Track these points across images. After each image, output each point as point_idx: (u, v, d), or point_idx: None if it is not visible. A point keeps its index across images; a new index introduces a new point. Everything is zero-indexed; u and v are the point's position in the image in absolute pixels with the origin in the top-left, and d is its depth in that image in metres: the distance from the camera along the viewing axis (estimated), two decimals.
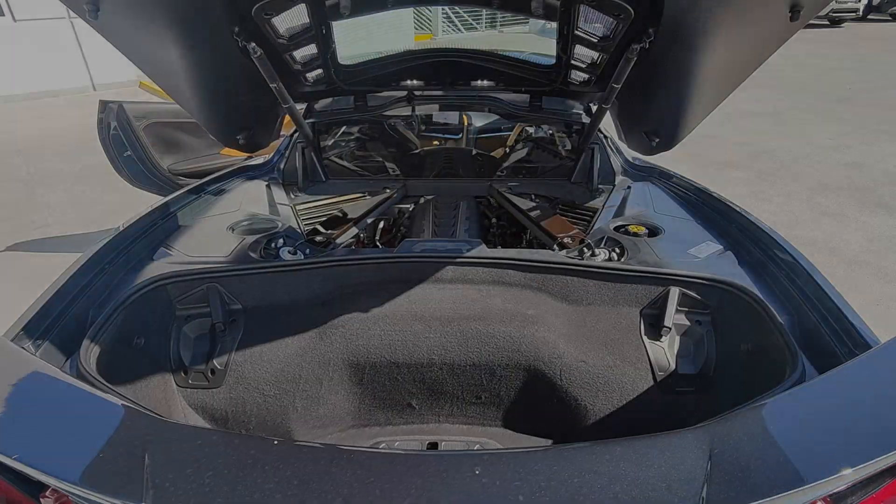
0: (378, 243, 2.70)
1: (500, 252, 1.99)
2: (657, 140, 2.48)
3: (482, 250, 1.97)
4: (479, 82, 2.77)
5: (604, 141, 2.94)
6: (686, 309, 1.82)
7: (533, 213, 2.59)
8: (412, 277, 1.93)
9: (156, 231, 2.15)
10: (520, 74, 2.61)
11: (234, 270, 1.87)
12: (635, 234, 2.16)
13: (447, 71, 2.71)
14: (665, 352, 1.79)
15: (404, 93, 2.88)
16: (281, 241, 2.11)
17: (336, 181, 3.10)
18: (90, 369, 1.39)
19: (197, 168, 4.48)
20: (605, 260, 1.99)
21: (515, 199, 2.73)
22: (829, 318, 1.54)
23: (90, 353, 1.48)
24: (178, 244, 2.08)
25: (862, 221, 5.06)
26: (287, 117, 2.72)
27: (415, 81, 2.80)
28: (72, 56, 11.18)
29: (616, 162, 2.98)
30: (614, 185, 2.85)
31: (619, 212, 2.47)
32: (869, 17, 19.61)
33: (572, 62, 2.28)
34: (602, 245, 2.09)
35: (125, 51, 1.83)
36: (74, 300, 1.67)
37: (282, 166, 3.04)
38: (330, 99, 3.03)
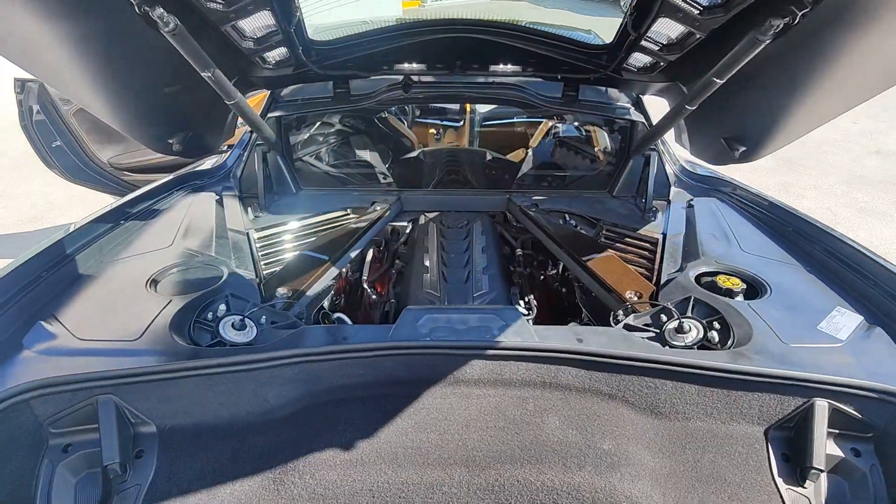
0: (366, 286, 2.04)
1: (552, 336, 1.33)
2: (742, 149, 1.83)
3: (524, 331, 1.33)
4: (500, 66, 2.08)
5: (659, 144, 2.28)
6: (836, 431, 1.21)
7: (567, 241, 1.94)
8: (420, 377, 1.28)
9: (37, 289, 1.46)
10: (557, 57, 1.92)
11: (140, 373, 1.20)
12: (728, 292, 1.54)
13: (457, 50, 2.01)
14: (811, 501, 1.18)
15: (399, 78, 2.18)
16: (223, 306, 1.44)
17: (310, 191, 2.41)
18: None
19: (144, 162, 3.73)
20: (701, 339, 1.36)
21: (545, 222, 2.07)
22: None
23: None
24: (66, 314, 1.39)
25: None
26: None
27: (413, 64, 2.10)
28: None
29: (670, 170, 2.32)
30: (669, 202, 2.21)
31: (691, 248, 1.83)
32: None
33: (643, 42, 1.61)
34: (689, 312, 1.45)
35: None
36: None
37: (239, 173, 2.32)
38: (300, 84, 2.32)
